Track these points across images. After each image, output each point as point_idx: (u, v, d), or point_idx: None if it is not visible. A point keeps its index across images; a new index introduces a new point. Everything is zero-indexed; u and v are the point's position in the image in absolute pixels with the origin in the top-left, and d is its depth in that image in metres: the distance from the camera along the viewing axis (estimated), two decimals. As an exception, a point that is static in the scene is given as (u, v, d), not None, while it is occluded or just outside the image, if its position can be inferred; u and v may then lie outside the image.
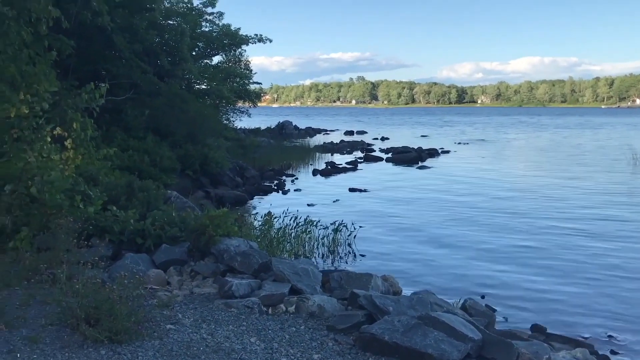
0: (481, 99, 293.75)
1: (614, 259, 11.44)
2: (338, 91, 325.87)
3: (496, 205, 17.53)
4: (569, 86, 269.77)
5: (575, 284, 9.99)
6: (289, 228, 12.26)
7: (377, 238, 13.39)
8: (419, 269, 10.88)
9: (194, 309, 6.37)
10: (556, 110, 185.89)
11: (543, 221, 15.12)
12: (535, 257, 11.71)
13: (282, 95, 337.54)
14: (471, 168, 28.38)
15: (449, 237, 13.42)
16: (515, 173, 26.13)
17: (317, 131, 64.75)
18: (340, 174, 26.45)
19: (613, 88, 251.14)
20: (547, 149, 40.88)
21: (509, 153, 38.11)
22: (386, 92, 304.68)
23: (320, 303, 6.22)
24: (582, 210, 16.69)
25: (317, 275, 7.18)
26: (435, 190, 20.82)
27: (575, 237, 13.42)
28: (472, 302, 7.83)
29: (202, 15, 25.42)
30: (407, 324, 5.17)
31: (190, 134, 19.54)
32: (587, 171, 26.16)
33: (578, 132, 62.35)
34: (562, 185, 21.90)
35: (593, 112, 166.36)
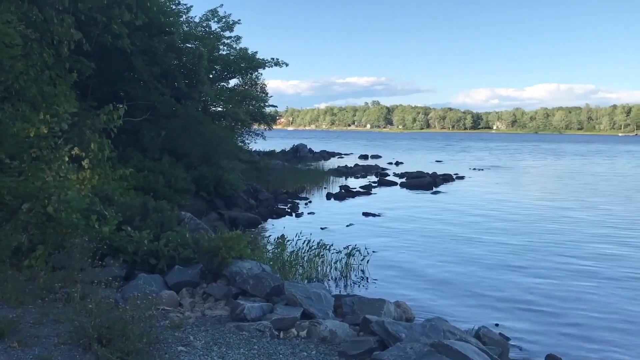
0: (496, 125, 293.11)
1: (628, 289, 11.26)
2: (353, 115, 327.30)
3: (510, 233, 17.39)
4: (585, 113, 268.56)
5: (590, 314, 9.83)
6: (302, 251, 12.26)
7: (390, 263, 13.30)
8: (432, 296, 10.78)
9: (206, 332, 6.36)
10: (573, 138, 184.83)
11: (557, 249, 14.96)
12: (550, 287, 11.55)
13: (297, 118, 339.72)
14: (485, 194, 28.22)
15: (463, 264, 13.31)
16: (530, 201, 25.91)
17: (331, 154, 64.91)
18: (354, 197, 26.41)
19: (630, 116, 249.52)
20: (563, 176, 40.54)
21: (524, 180, 37.86)
22: (401, 117, 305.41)
23: (332, 328, 6.18)
24: (596, 240, 16.48)
25: (329, 300, 7.15)
26: (448, 217, 20.70)
27: (584, 262, 13.25)
28: (486, 330, 7.72)
29: (220, 39, 25.74)
30: (419, 351, 5.12)
31: (205, 156, 19.68)
32: (604, 201, 25.85)
33: (596, 160, 61.80)
34: (577, 215, 21.67)
35: (611, 139, 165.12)
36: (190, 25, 23.96)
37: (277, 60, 28.27)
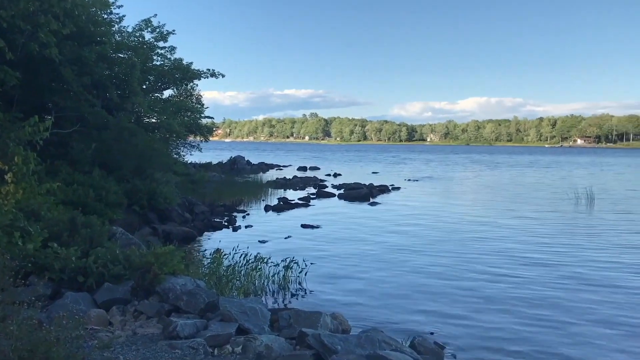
0: (430, 137, 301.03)
1: (562, 298, 11.69)
2: (291, 127, 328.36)
3: (444, 242, 17.78)
4: (514, 126, 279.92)
5: (522, 318, 10.12)
6: (239, 265, 12.07)
7: (328, 275, 13.32)
8: (369, 307, 10.83)
9: (136, 350, 6.13)
10: (503, 149, 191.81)
11: (489, 257, 15.38)
12: (483, 294, 11.83)
13: (234, 130, 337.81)
14: (420, 205, 28.83)
15: (399, 274, 13.48)
16: (463, 210, 26.64)
17: (270, 166, 64.68)
18: (292, 209, 26.36)
19: (556, 128, 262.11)
20: (494, 186, 41.96)
21: (457, 190, 38.94)
22: (339, 129, 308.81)
23: (267, 343, 6.10)
24: (525, 248, 17.08)
25: (265, 314, 7.06)
26: (385, 227, 20.99)
27: (514, 270, 13.67)
28: (421, 339, 7.83)
29: (154, 49, 25.28)
30: (355, 363, 5.11)
31: (138, 168, 19.17)
32: (533, 209, 26.90)
33: (526, 171, 64.30)
34: (508, 223, 22.44)
35: (538, 150, 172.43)
36: (122, 35, 23.41)
37: (213, 71, 28.05)
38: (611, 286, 12.42)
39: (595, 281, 12.85)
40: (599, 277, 13.20)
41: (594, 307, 10.88)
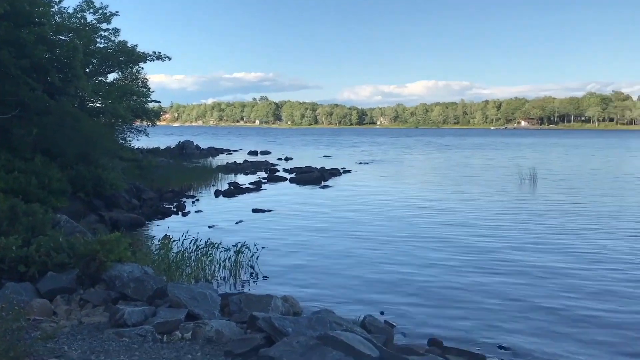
0: (380, 120, 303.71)
1: (505, 272, 12.06)
2: (241, 111, 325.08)
3: (395, 223, 18.04)
4: (461, 108, 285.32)
5: (470, 297, 10.39)
6: (189, 251, 11.93)
7: (279, 258, 13.32)
8: (320, 288, 10.91)
9: (82, 340, 5.98)
10: (450, 132, 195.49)
11: (439, 238, 15.72)
12: (430, 271, 12.09)
13: (183, 114, 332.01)
14: (371, 187, 29.13)
15: (350, 256, 13.60)
16: (413, 192, 27.06)
17: (219, 151, 63.96)
18: (243, 194, 26.19)
19: (501, 110, 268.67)
20: (443, 168, 42.77)
21: (407, 173, 39.52)
22: (290, 113, 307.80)
23: (218, 328, 6.04)
24: (473, 229, 17.53)
25: (215, 300, 6.99)
26: (336, 209, 21.12)
27: (462, 250, 14.03)
28: (372, 318, 7.92)
29: (97, 31, 24.44)
30: (305, 344, 5.13)
31: (82, 155, 18.58)
32: (480, 191, 27.57)
33: (474, 153, 65.74)
34: (455, 203, 22.96)
35: (484, 133, 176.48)
36: (63, 16, 22.52)
37: (159, 54, 27.38)
38: (545, 268, 12.89)
39: (536, 256, 13.33)
40: (541, 254, 13.70)
41: (532, 287, 11.27)
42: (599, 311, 9.56)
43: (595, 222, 18.20)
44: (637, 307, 9.80)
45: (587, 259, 13.23)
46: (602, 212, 20.17)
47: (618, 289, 10.82)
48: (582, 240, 15.25)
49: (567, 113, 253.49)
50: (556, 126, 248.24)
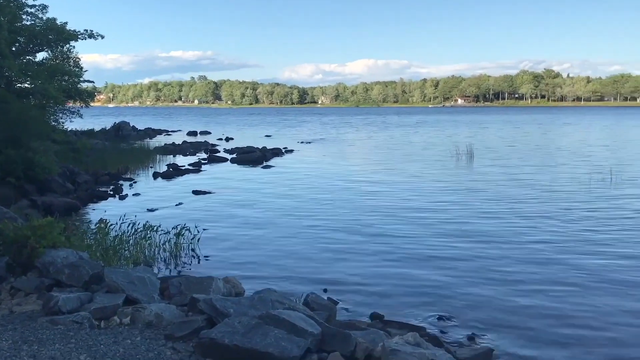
0: (321, 99, 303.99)
1: (441, 247, 12.37)
2: (179, 90, 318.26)
3: (337, 202, 18.17)
4: (400, 87, 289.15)
5: (409, 271, 10.61)
6: (127, 235, 11.63)
7: (222, 240, 13.19)
8: (263, 268, 10.88)
9: (13, 330, 5.74)
10: (390, 110, 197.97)
11: (380, 214, 15.95)
12: (373, 248, 12.27)
13: (118, 94, 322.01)
14: (314, 167, 29.19)
15: (293, 235, 13.62)
16: (353, 170, 27.33)
17: (157, 132, 62.49)
18: (183, 176, 25.72)
19: (438, 89, 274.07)
20: (385, 147, 43.28)
21: (349, 151, 39.81)
22: (229, 92, 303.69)
23: (157, 312, 5.93)
24: (411, 200, 17.89)
25: (154, 283, 6.85)
26: (279, 189, 21.09)
27: (403, 226, 14.31)
28: (314, 296, 7.98)
29: (22, 7, 23.18)
30: (247, 324, 5.11)
31: (11, 138, 17.72)
32: (420, 168, 28.11)
33: (414, 131, 66.78)
34: (395, 180, 23.33)
35: (423, 111, 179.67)
36: (-17, -10, 21.22)
37: (91, 32, 26.28)
38: (484, 235, 13.33)
39: (471, 232, 13.75)
40: (475, 228, 14.14)
41: (470, 260, 11.63)
42: (530, 278, 9.98)
43: (527, 194, 18.91)
44: (565, 273, 10.27)
45: (518, 231, 13.74)
46: (535, 185, 20.98)
47: (549, 257, 11.30)
48: (515, 213, 15.83)
49: (501, 91, 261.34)
50: (491, 103, 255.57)
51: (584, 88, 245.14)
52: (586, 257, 11.32)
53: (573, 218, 15.10)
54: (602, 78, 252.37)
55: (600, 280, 9.93)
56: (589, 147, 39.82)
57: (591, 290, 9.40)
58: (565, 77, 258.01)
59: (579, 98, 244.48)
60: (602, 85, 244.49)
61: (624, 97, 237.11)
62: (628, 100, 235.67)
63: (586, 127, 70.53)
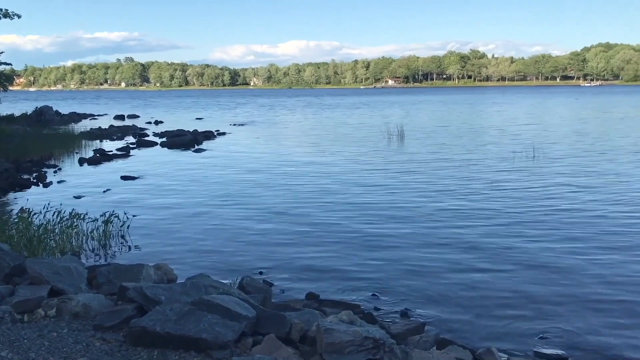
0: (253, 81, 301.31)
1: (372, 227, 12.58)
2: (105, 73, 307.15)
3: (270, 184, 18.11)
4: (332, 68, 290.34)
5: (343, 252, 10.73)
6: (52, 224, 11.14)
7: (153, 226, 12.87)
8: (197, 254, 10.70)
9: None
10: (323, 91, 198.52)
11: (311, 195, 16.03)
12: (307, 230, 12.31)
13: (40, 77, 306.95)
14: (246, 149, 28.94)
15: (226, 220, 13.46)
16: (286, 152, 27.28)
17: (82, 116, 60.06)
18: (110, 161, 24.89)
19: (369, 70, 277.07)
20: (317, 128, 43.37)
21: (282, 133, 39.65)
22: (158, 74, 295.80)
23: (85, 302, 5.72)
24: (343, 182, 18.07)
25: (81, 273, 6.60)
26: (211, 173, 20.79)
27: (336, 208, 14.42)
28: (249, 279, 7.93)
29: None
30: (179, 311, 5.01)
31: None
32: (350, 148, 28.39)
33: (346, 112, 67.22)
34: (326, 162, 23.49)
35: (355, 92, 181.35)
36: None
37: (6, 11, 24.92)
38: (414, 215, 13.67)
39: (399, 209, 14.06)
40: (404, 205, 14.47)
41: (401, 236, 11.90)
42: (460, 255, 10.33)
43: (455, 172, 19.50)
44: (491, 249, 10.69)
45: (446, 210, 14.16)
46: (463, 163, 21.65)
47: (475, 233, 11.72)
48: (443, 192, 16.30)
49: (430, 71, 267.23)
50: (420, 84, 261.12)
51: (508, 68, 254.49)
52: (511, 235, 11.79)
53: (498, 195, 15.68)
54: (524, 58, 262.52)
55: (522, 254, 10.39)
56: (516, 125, 41.34)
57: (516, 266, 9.79)
58: (490, 58, 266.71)
59: (503, 78, 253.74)
60: (524, 66, 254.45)
61: (545, 76, 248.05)
62: (548, 79, 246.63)
63: (513, 106, 73.21)
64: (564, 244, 10.86)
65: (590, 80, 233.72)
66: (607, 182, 17.31)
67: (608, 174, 18.74)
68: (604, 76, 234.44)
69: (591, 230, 11.84)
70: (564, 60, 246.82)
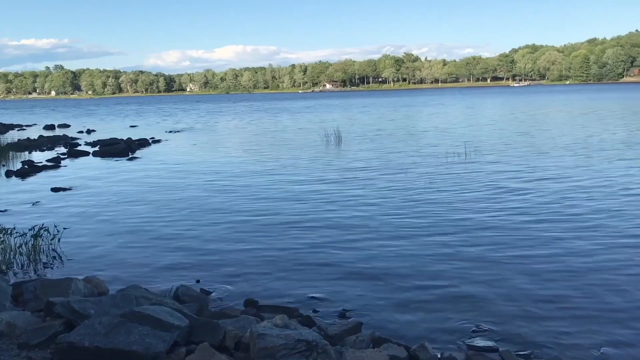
0: (190, 86, 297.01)
1: (309, 232, 12.66)
2: (33, 82, 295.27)
3: (206, 192, 17.90)
4: (269, 73, 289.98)
5: (282, 257, 10.74)
6: (-25, 240, 10.65)
7: (84, 239, 12.49)
8: (131, 266, 10.45)
9: None
10: (261, 96, 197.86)
11: (247, 203, 15.95)
12: (244, 237, 12.25)
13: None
14: (181, 156, 28.53)
15: (161, 229, 13.21)
16: (223, 159, 27.03)
17: (9, 127, 57.47)
18: (40, 172, 23.95)
19: (307, 74, 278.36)
20: (255, 134, 43.14)
21: (219, 140, 39.23)
22: (90, 82, 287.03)
23: (9, 320, 5.51)
24: (280, 188, 18.12)
25: (5, 290, 6.36)
26: (145, 181, 20.36)
27: (275, 212, 14.45)
28: (185, 288, 7.84)
29: None
30: (109, 324, 4.91)
31: None
32: (288, 154, 28.44)
33: (286, 116, 67.08)
34: (264, 166, 23.46)
35: (294, 96, 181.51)
36: None
37: None
38: (350, 218, 13.86)
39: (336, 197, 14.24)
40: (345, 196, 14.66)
41: (338, 241, 12.04)
42: (394, 251, 10.56)
43: (390, 175, 19.89)
44: (423, 243, 10.99)
45: (385, 207, 14.45)
46: (397, 165, 22.12)
47: (410, 230, 12.01)
48: (378, 194, 16.60)
49: (366, 75, 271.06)
50: (357, 88, 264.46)
51: (441, 70, 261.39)
52: (443, 233, 12.14)
53: (430, 195, 16.12)
54: (456, 61, 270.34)
55: (454, 252, 10.74)
56: (452, 126, 42.46)
57: (449, 264, 10.09)
58: (423, 61, 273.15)
59: (437, 80, 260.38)
60: (456, 68, 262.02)
61: (476, 77, 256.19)
62: (480, 80, 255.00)
63: (447, 108, 75.16)
64: (491, 240, 11.29)
65: (519, 80, 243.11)
66: (536, 178, 18.10)
67: (537, 171, 19.59)
68: (531, 76, 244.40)
69: (517, 225, 12.36)
70: (494, 61, 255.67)
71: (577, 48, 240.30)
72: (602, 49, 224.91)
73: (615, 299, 8.19)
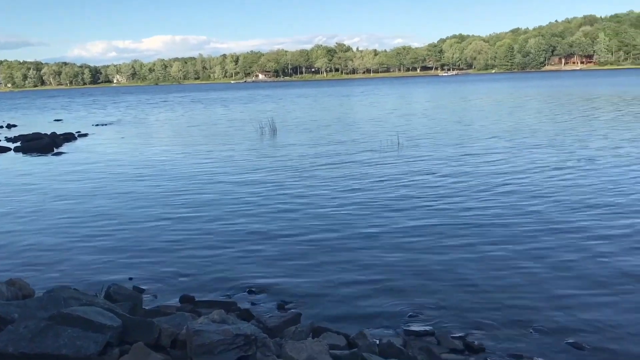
0: (117, 78, 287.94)
1: (243, 225, 12.55)
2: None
3: (136, 187, 17.40)
4: (200, 63, 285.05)
5: (216, 252, 10.59)
6: None
7: (8, 239, 11.85)
8: (57, 265, 10.02)
9: None
10: (192, 87, 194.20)
11: (179, 197, 15.62)
12: (177, 232, 12.00)
13: None
14: (109, 150, 27.65)
15: (90, 226, 12.71)
16: (153, 152, 26.34)
17: None
18: (-45, 171, 22.59)
19: (239, 64, 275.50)
20: (187, 126, 42.19)
21: (149, 132, 38.20)
22: (9, 74, 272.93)
23: None
24: (211, 180, 17.87)
25: None
26: (72, 177, 19.55)
27: (208, 207, 14.22)
28: (117, 287, 7.55)
29: None
30: (35, 328, 4.65)
31: None
32: (222, 146, 28.03)
33: (219, 108, 66.05)
34: (195, 158, 23.08)
35: (226, 87, 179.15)
36: None
37: None
38: (287, 211, 13.84)
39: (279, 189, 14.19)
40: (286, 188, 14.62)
41: (276, 230, 12.01)
42: (332, 243, 10.63)
43: (326, 164, 20.00)
44: (360, 234, 11.11)
45: (323, 196, 14.51)
46: (334, 155, 22.25)
47: (345, 220, 12.10)
48: (312, 184, 16.66)
49: (299, 65, 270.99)
50: (290, 78, 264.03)
51: (372, 60, 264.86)
52: (381, 224, 12.31)
53: (364, 184, 16.32)
54: (387, 51, 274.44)
55: (391, 240, 10.93)
56: (387, 115, 43.06)
57: (388, 251, 10.24)
58: (355, 51, 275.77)
59: (368, 70, 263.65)
60: (387, 58, 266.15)
61: (406, 67, 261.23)
62: (410, 70, 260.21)
63: (380, 97, 76.14)
64: (428, 228, 11.53)
65: (447, 70, 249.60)
66: (466, 164, 18.65)
67: (466, 158, 20.18)
68: (459, 66, 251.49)
69: (452, 212, 12.69)
70: (423, 51, 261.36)
71: (501, 38, 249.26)
72: (525, 39, 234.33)
73: (540, 284, 8.55)
